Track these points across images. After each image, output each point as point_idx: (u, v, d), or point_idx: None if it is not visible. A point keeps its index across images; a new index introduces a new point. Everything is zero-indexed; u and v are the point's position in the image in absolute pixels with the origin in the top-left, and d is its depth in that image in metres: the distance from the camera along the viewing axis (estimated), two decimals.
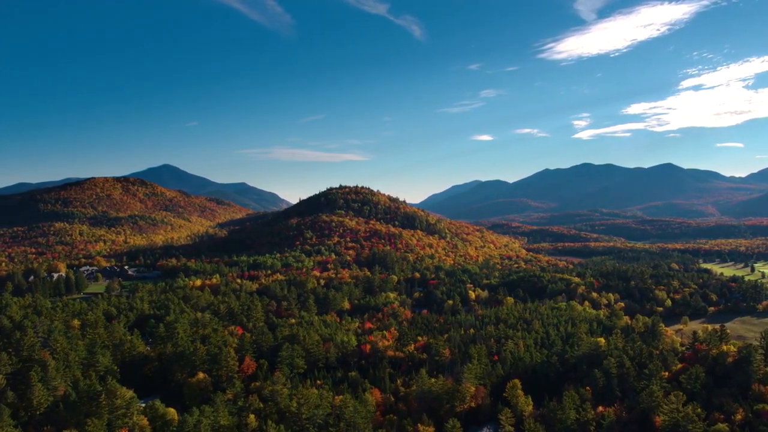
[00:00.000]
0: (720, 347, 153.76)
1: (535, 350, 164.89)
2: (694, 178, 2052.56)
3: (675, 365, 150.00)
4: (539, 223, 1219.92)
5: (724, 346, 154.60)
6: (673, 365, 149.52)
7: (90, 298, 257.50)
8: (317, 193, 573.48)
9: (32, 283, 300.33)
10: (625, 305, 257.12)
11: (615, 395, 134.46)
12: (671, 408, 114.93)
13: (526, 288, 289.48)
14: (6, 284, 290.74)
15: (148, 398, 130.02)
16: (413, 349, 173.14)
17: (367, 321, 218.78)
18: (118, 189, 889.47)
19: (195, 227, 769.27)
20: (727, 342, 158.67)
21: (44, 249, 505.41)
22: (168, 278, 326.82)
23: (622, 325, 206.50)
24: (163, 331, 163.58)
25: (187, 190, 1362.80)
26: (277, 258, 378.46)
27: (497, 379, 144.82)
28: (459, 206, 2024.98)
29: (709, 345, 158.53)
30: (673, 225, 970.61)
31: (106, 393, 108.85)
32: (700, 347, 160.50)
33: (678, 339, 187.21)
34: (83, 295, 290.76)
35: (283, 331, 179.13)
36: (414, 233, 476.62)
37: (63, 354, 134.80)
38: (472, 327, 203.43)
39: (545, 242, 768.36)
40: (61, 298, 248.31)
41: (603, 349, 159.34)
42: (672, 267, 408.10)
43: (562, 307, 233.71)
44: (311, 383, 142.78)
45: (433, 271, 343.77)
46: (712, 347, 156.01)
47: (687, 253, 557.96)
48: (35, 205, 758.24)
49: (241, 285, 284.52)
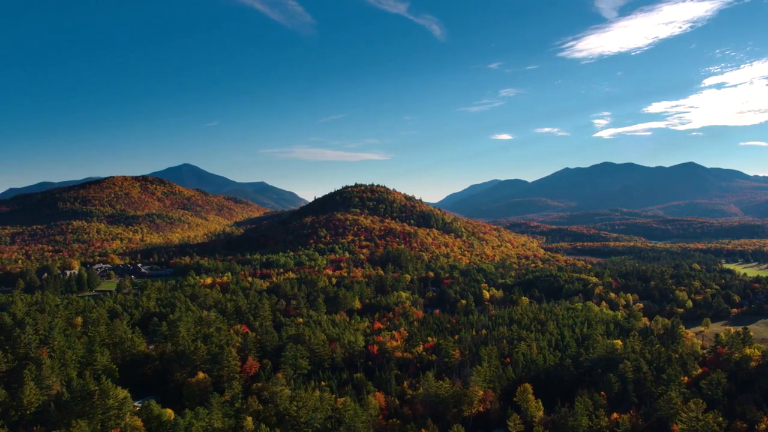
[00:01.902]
0: (743, 351, 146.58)
1: (548, 352, 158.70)
2: (717, 177, 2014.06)
3: (695, 370, 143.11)
4: (558, 222, 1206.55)
5: (748, 349, 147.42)
6: (693, 370, 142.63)
7: (99, 295, 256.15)
8: (332, 192, 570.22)
9: (44, 280, 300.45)
10: (644, 306, 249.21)
11: (631, 401, 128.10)
12: (690, 416, 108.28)
13: (542, 288, 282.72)
14: (18, 282, 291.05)
15: (146, 398, 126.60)
16: (422, 350, 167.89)
17: (377, 321, 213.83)
18: (136, 188, 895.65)
19: (212, 226, 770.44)
20: (750, 345, 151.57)
21: (61, 247, 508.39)
22: (180, 276, 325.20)
23: (641, 326, 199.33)
24: (166, 330, 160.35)
25: (207, 189, 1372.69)
26: (290, 256, 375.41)
27: (508, 382, 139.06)
28: (478, 205, 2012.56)
29: (731, 348, 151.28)
30: (694, 224, 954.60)
31: (99, 393, 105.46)
32: (721, 351, 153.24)
33: (699, 342, 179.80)
34: (94, 292, 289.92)
35: (289, 330, 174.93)
36: (429, 232, 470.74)
37: (60, 352, 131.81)
38: (484, 328, 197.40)
39: (564, 242, 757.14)
40: (69, 296, 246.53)
41: (619, 351, 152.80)
42: (693, 267, 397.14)
43: (579, 308, 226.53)
44: (315, 384, 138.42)
45: (447, 270, 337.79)
46: (735, 351, 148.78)
47: (709, 253, 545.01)
48: (55, 203, 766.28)
49: (252, 283, 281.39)
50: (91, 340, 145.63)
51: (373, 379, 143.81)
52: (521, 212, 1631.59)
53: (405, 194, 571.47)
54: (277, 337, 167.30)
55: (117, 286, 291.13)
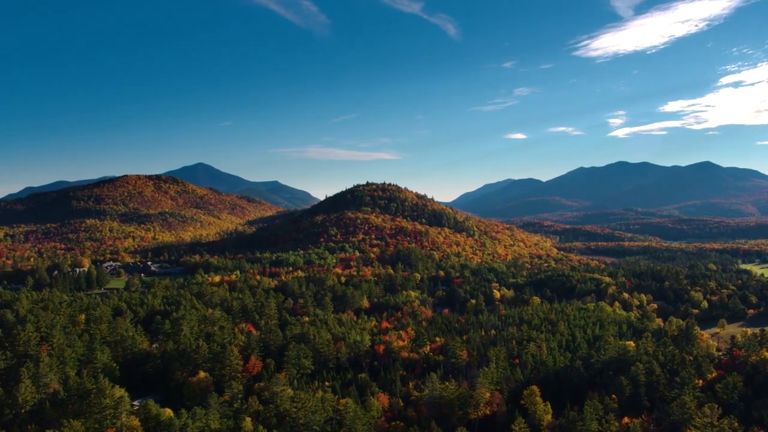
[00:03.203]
0: (760, 353, 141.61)
1: (558, 353, 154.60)
2: (734, 177, 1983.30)
3: (710, 373, 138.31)
4: (572, 222, 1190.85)
5: (765, 351, 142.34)
6: (708, 373, 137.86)
7: (107, 293, 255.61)
8: (343, 190, 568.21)
9: (54, 278, 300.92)
10: (658, 307, 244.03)
11: (642, 405, 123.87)
12: (705, 422, 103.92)
13: (554, 288, 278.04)
14: (27, 279, 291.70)
15: (147, 397, 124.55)
16: (429, 351, 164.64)
17: (384, 320, 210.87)
18: (150, 187, 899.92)
19: (224, 224, 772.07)
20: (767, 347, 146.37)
21: (73, 245, 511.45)
22: (189, 274, 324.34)
23: (654, 327, 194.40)
24: (168, 328, 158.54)
25: (221, 188, 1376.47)
26: (300, 255, 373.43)
27: (516, 384, 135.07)
28: (491, 205, 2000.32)
29: (748, 351, 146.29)
30: (711, 224, 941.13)
31: (95, 392, 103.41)
32: (738, 353, 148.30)
33: (714, 343, 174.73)
34: (103, 290, 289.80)
35: (294, 329, 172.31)
36: (441, 231, 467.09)
37: (59, 350, 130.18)
38: (493, 328, 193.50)
39: (578, 241, 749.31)
40: (75, 294, 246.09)
41: (631, 353, 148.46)
42: (709, 267, 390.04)
43: (591, 308, 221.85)
44: (318, 385, 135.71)
45: (458, 270, 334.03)
46: (752, 353, 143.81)
47: (725, 254, 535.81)
48: (69, 202, 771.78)
49: (260, 282, 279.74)
50: (92, 338, 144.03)
51: (377, 380, 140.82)
52: (535, 212, 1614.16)
53: (417, 193, 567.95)
54: (281, 336, 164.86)
55: (126, 284, 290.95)
